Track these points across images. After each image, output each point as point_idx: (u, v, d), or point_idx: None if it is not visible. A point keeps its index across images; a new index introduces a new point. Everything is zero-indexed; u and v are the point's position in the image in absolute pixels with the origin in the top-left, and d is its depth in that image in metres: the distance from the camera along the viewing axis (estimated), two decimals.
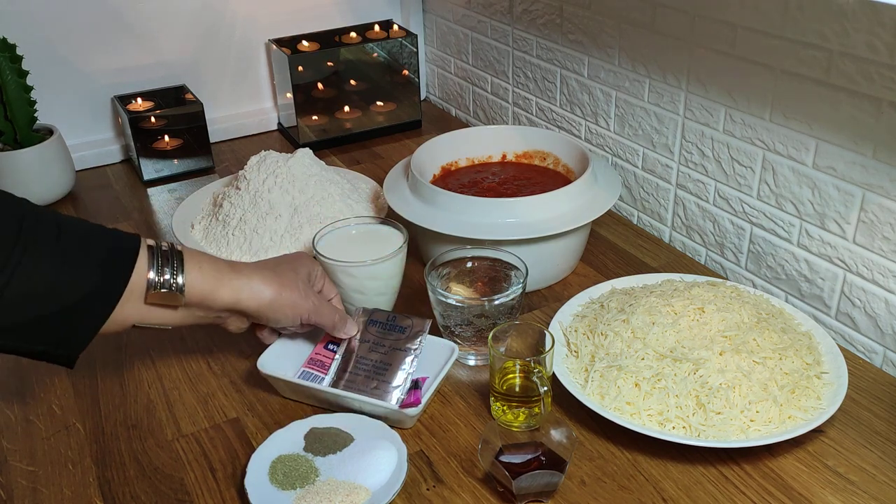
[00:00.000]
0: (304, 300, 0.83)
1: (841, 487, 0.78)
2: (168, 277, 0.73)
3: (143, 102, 1.45)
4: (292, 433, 0.83)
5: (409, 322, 0.91)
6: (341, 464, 0.79)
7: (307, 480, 0.78)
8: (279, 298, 0.81)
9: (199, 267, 0.76)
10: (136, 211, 1.34)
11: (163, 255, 0.74)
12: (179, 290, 0.74)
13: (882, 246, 0.91)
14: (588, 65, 1.28)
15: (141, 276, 0.73)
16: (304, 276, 0.86)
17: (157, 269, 0.73)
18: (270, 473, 0.79)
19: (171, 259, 0.74)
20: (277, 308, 0.82)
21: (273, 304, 0.81)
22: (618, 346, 0.87)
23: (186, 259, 0.76)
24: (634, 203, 1.26)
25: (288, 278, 0.83)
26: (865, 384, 0.90)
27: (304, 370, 0.90)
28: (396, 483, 0.77)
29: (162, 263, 0.74)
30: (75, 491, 0.81)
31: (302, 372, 0.90)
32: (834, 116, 0.92)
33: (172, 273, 0.74)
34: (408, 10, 1.67)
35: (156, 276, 0.73)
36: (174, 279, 0.74)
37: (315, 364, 0.91)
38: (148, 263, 0.73)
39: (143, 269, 0.73)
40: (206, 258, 0.78)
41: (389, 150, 1.52)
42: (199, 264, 0.77)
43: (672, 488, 0.78)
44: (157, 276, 0.73)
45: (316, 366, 0.90)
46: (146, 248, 0.74)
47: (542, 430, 0.79)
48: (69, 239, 0.69)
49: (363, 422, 0.84)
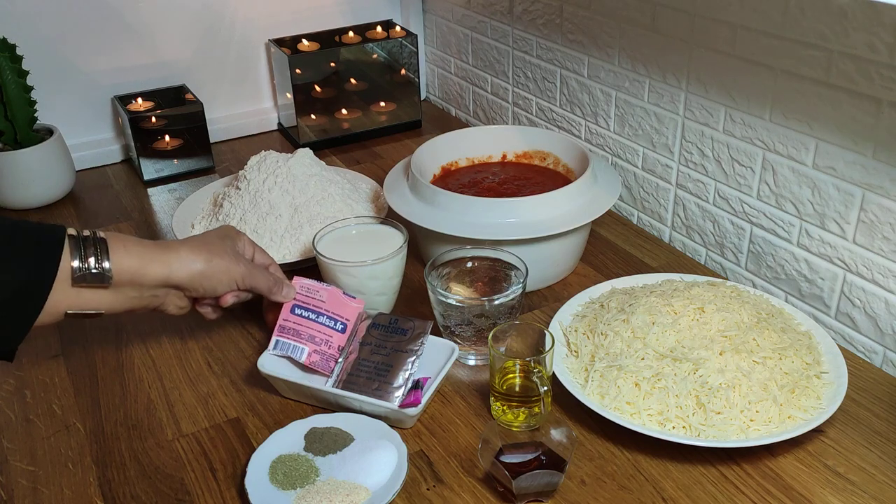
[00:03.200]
0: (236, 265, 0.85)
1: (841, 487, 0.78)
2: (92, 261, 0.75)
3: (143, 102, 1.45)
4: (292, 433, 0.83)
5: (410, 324, 0.91)
6: (341, 463, 0.79)
7: (307, 480, 0.78)
8: (210, 265, 0.83)
9: (123, 247, 0.78)
10: (136, 211, 1.34)
11: (85, 240, 0.75)
12: (106, 272, 0.75)
13: (882, 246, 0.91)
14: (588, 65, 1.28)
15: (66, 264, 0.74)
16: (232, 244, 0.87)
17: (80, 257, 0.74)
18: (270, 473, 0.79)
19: (95, 244, 0.76)
20: (211, 275, 0.83)
21: (206, 272, 0.83)
22: (618, 346, 0.87)
23: (111, 242, 0.77)
24: (634, 203, 1.26)
25: (216, 246, 0.85)
26: (865, 384, 0.90)
27: (277, 339, 0.90)
28: (396, 483, 0.77)
29: (85, 249, 0.75)
30: (75, 491, 0.81)
31: (276, 342, 0.90)
32: (834, 116, 0.92)
33: (97, 257, 0.75)
34: (408, 10, 1.67)
35: (80, 263, 0.74)
36: (99, 263, 0.75)
37: (288, 333, 0.90)
38: (71, 252, 0.74)
39: (68, 257, 0.74)
40: (133, 239, 0.80)
41: (389, 150, 1.52)
42: (125, 244, 0.78)
43: (672, 488, 0.78)
44: (80, 262, 0.74)
45: (289, 334, 0.90)
46: (69, 237, 0.75)
47: (542, 430, 0.79)
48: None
49: (363, 421, 0.84)
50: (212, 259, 0.83)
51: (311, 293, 0.92)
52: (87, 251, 0.75)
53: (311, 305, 0.92)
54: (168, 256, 0.81)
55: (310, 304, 0.92)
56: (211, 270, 0.83)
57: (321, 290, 0.92)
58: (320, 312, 0.92)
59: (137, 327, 1.03)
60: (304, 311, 0.91)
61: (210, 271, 0.83)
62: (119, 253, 0.77)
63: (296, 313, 0.91)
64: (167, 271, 0.80)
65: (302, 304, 0.92)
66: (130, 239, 0.80)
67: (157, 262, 0.80)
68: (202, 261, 0.83)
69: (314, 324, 0.91)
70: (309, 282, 0.93)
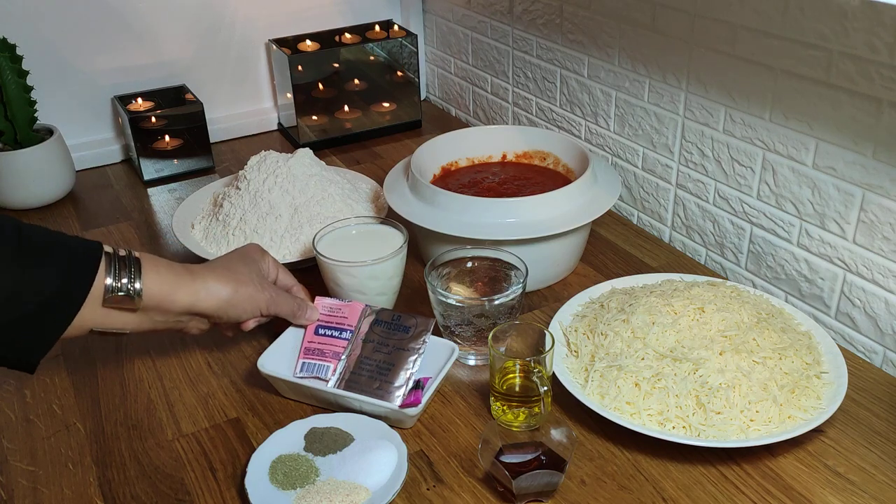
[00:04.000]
0: (261, 292, 0.86)
1: (841, 487, 0.78)
2: (126, 281, 0.74)
3: (143, 102, 1.45)
4: (292, 433, 0.83)
5: (413, 321, 0.91)
6: (341, 463, 0.79)
7: (307, 480, 0.78)
8: (236, 295, 0.83)
9: (156, 271, 0.78)
10: (136, 211, 1.34)
11: (120, 260, 0.75)
12: (137, 293, 0.75)
13: (882, 246, 0.91)
14: (588, 65, 1.28)
15: (100, 281, 0.73)
16: (257, 268, 0.88)
17: (114, 275, 0.74)
18: (271, 473, 0.79)
19: (129, 265, 0.75)
20: (236, 304, 0.83)
21: (231, 301, 0.83)
22: (618, 346, 0.87)
23: (144, 264, 0.77)
24: (634, 203, 1.26)
25: (242, 274, 0.85)
26: (865, 384, 0.90)
27: (304, 362, 0.90)
28: (396, 483, 0.77)
29: (119, 269, 0.75)
30: (75, 491, 0.81)
31: (303, 364, 0.90)
32: (834, 116, 0.92)
33: (130, 278, 0.75)
34: (408, 10, 1.67)
35: (113, 282, 0.74)
36: (132, 284, 0.75)
37: (313, 354, 0.91)
38: (106, 269, 0.74)
39: (102, 274, 0.74)
40: (164, 263, 0.79)
41: (389, 150, 1.52)
42: (157, 269, 0.78)
43: (672, 488, 0.78)
44: (114, 280, 0.74)
45: (315, 355, 0.90)
46: (105, 254, 0.75)
47: (542, 430, 0.79)
48: (30, 246, 0.70)
49: (363, 421, 0.84)
50: (238, 289, 0.83)
51: (333, 311, 0.93)
52: (121, 272, 0.75)
53: (334, 324, 0.93)
54: (195, 285, 0.80)
55: (332, 322, 0.93)
56: (237, 299, 0.83)
57: (343, 307, 0.94)
58: (343, 328, 0.92)
59: None
60: (327, 331, 0.92)
61: (236, 300, 0.83)
62: (150, 276, 0.77)
63: (319, 334, 0.92)
64: (193, 300, 0.80)
65: (325, 325, 0.93)
66: (161, 262, 0.79)
67: (185, 289, 0.79)
68: (229, 291, 0.83)
69: (338, 340, 0.92)
70: (330, 301, 0.94)
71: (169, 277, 0.79)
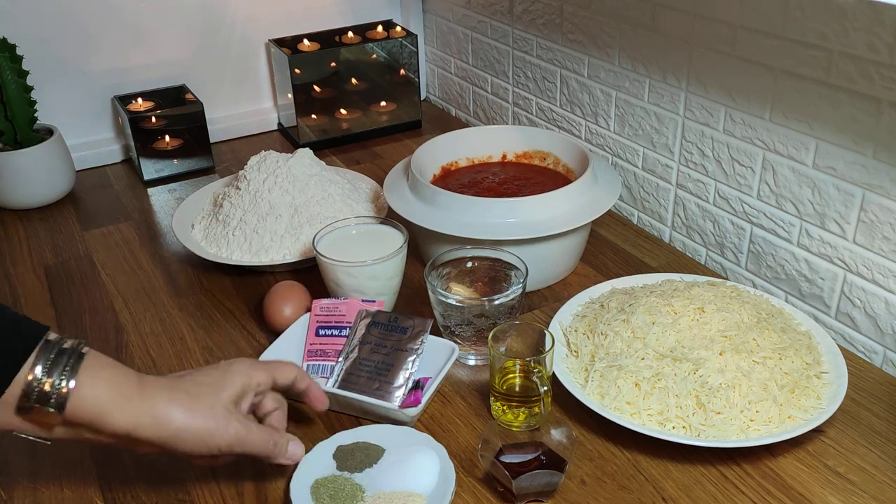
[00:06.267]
0: (224, 429, 0.69)
1: (841, 487, 0.78)
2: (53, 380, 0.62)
3: (143, 102, 1.45)
4: (320, 455, 0.80)
5: (410, 322, 0.91)
6: (381, 475, 0.77)
7: (355, 498, 0.75)
8: (187, 429, 0.67)
9: (97, 376, 0.64)
10: (136, 211, 1.34)
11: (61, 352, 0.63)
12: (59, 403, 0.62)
13: (882, 246, 0.91)
14: (588, 65, 1.28)
15: (23, 374, 0.61)
16: (231, 395, 0.71)
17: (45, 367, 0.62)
18: (315, 499, 0.75)
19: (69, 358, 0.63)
20: (186, 439, 0.67)
21: (180, 435, 0.67)
22: (618, 346, 0.87)
23: (86, 362, 0.64)
24: (634, 203, 1.26)
25: (205, 401, 0.69)
26: (865, 384, 0.90)
27: (309, 364, 0.91)
28: (450, 482, 0.75)
29: (55, 361, 0.62)
30: (76, 491, 0.81)
31: (307, 367, 0.90)
32: (834, 116, 0.92)
33: (60, 375, 0.62)
34: (408, 10, 1.67)
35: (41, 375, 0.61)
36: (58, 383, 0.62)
37: (316, 355, 0.91)
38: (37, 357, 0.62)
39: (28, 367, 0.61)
40: (110, 369, 0.66)
41: (389, 150, 1.52)
42: (99, 372, 0.64)
43: (672, 488, 0.78)
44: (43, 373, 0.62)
45: (318, 356, 0.91)
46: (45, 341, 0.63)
47: (542, 430, 0.79)
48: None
49: (386, 431, 0.83)
50: (193, 420, 0.67)
51: (331, 311, 0.94)
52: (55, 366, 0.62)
53: (332, 323, 0.93)
54: (142, 407, 0.65)
55: (331, 321, 0.93)
56: (187, 435, 0.67)
57: (340, 305, 0.94)
58: (342, 326, 0.93)
59: (137, 327, 1.03)
60: (327, 331, 0.93)
61: (186, 435, 0.67)
62: (86, 382, 0.63)
63: (320, 335, 0.92)
64: (133, 426, 0.65)
65: (324, 325, 0.93)
66: (107, 367, 0.66)
67: (124, 410, 0.65)
68: (179, 422, 0.67)
69: (339, 338, 0.92)
70: (327, 301, 0.94)
71: (108, 391, 0.64)
